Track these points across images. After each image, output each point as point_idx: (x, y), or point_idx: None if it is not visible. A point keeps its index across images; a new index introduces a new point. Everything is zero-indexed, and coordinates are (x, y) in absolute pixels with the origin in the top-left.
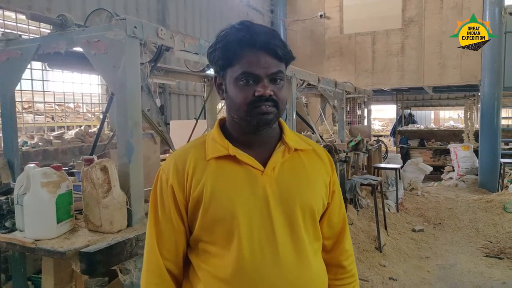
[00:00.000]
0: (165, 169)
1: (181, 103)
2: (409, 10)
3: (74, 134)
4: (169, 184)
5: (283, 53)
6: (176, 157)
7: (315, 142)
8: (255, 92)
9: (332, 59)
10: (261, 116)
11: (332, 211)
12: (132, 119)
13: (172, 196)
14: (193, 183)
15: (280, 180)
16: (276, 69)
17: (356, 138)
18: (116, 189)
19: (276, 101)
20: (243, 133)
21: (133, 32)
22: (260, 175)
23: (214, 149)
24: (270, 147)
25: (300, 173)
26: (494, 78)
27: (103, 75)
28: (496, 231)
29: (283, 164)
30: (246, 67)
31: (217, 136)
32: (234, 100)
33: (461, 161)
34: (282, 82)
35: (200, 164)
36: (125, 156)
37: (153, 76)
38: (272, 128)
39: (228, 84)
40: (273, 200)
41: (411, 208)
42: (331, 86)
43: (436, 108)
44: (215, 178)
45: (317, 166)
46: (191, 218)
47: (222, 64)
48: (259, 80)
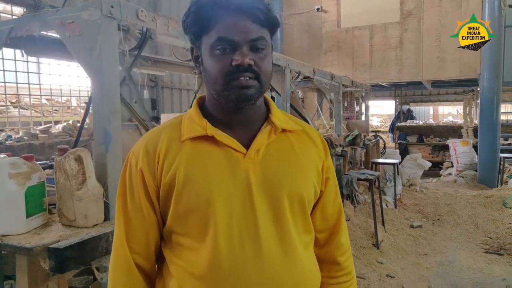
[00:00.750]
0: (135, 151)
1: (174, 97)
2: (408, 3)
3: (62, 128)
4: (138, 168)
5: (266, 17)
6: (148, 138)
7: (305, 122)
8: (232, 61)
9: (329, 53)
10: (240, 90)
11: (326, 201)
12: (110, 106)
13: (142, 181)
14: (165, 167)
15: (265, 164)
16: (257, 34)
17: (353, 133)
18: (92, 181)
19: (257, 72)
20: (223, 111)
21: (110, 12)
22: (242, 158)
23: (190, 129)
24: (255, 128)
25: (289, 157)
26: (493, 72)
27: (78, 59)
28: (496, 226)
29: (268, 146)
30: (221, 33)
31: (194, 114)
32: (210, 72)
33: (460, 156)
34: (265, 51)
35: (174, 146)
36: (102, 145)
37: (140, 66)
38: (256, 106)
39: (203, 54)
40: (256, 186)
41: (410, 204)
42: (327, 78)
43: (435, 104)
44: (189, 161)
45: (308, 149)
46: (163, 207)
47: (196, 30)
48: (236, 47)
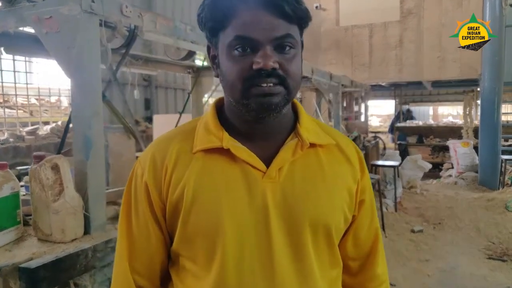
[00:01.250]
0: (142, 160)
1: (168, 97)
2: (408, 1)
3: (50, 129)
4: (143, 180)
5: (294, 9)
6: (156, 147)
7: (340, 133)
8: (253, 64)
9: (328, 52)
10: (262, 98)
11: (360, 226)
12: (91, 108)
13: (147, 196)
14: (173, 182)
15: (287, 186)
16: (283, 31)
17: (353, 134)
18: (69, 191)
19: (283, 77)
20: (243, 120)
21: (91, 7)
22: (260, 178)
23: (204, 139)
24: (279, 140)
25: (315, 178)
26: (494, 72)
27: (56, 57)
28: (498, 231)
29: (293, 164)
30: (239, 30)
31: (211, 121)
32: (227, 77)
33: (461, 158)
34: (293, 50)
35: (184, 158)
36: (82, 152)
37: (130, 65)
38: (282, 114)
39: (220, 55)
40: (274, 213)
41: (410, 208)
42: (325, 78)
43: (435, 104)
44: (200, 177)
45: (340, 168)
46: (170, 226)
47: (211, 26)
48: (258, 47)
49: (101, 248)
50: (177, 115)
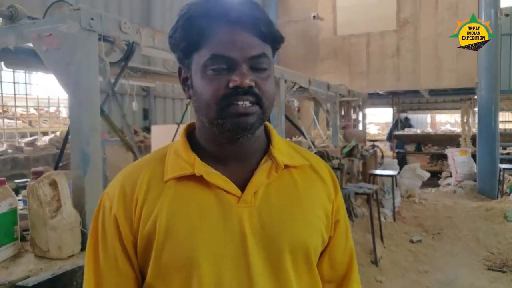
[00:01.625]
0: (110, 192)
1: (167, 107)
2: (404, 11)
3: (49, 140)
4: (112, 213)
5: (268, 30)
6: (125, 177)
7: (314, 154)
8: (229, 83)
9: (325, 61)
10: (238, 118)
11: (335, 247)
12: (89, 124)
13: (116, 230)
14: (144, 214)
15: (263, 210)
16: (259, 51)
17: (350, 144)
18: (67, 208)
19: (259, 96)
20: (215, 143)
21: (90, 25)
22: (236, 203)
23: (175, 166)
24: (253, 163)
25: (292, 200)
26: (491, 81)
27: (55, 73)
28: (498, 241)
29: (268, 187)
30: (215, 49)
31: (181, 148)
32: (201, 97)
33: (459, 166)
34: (268, 71)
35: (155, 187)
36: (80, 167)
37: (129, 77)
38: (255, 137)
39: (194, 75)
40: (252, 239)
41: (409, 217)
42: (323, 88)
43: (433, 112)
44: (172, 207)
45: (315, 189)
46: (142, 261)
47: (185, 47)
48: (235, 66)
49: None
50: (175, 126)
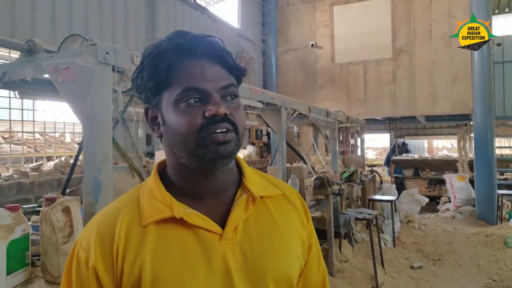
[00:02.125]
0: (84, 242)
1: None
2: (399, 40)
3: (53, 165)
4: (90, 266)
5: (234, 63)
6: (100, 223)
7: (281, 181)
8: (205, 112)
9: (324, 88)
10: (218, 146)
11: (309, 270)
12: (102, 153)
13: (97, 284)
14: (126, 263)
15: (245, 245)
16: (228, 81)
17: (350, 169)
18: (79, 234)
19: (235, 123)
20: (190, 179)
21: (105, 59)
22: (218, 241)
23: (152, 209)
24: (228, 197)
25: (270, 231)
26: (486, 107)
27: (70, 104)
28: (499, 268)
29: (247, 221)
30: (187, 82)
31: (155, 188)
32: (177, 130)
33: (457, 191)
34: (237, 100)
35: (135, 232)
36: (92, 194)
37: (135, 105)
38: (229, 169)
39: (165, 112)
40: (238, 275)
41: (409, 243)
42: (322, 115)
43: (429, 137)
44: (156, 254)
45: (290, 217)
46: None
47: (153, 85)
48: (207, 97)
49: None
50: None
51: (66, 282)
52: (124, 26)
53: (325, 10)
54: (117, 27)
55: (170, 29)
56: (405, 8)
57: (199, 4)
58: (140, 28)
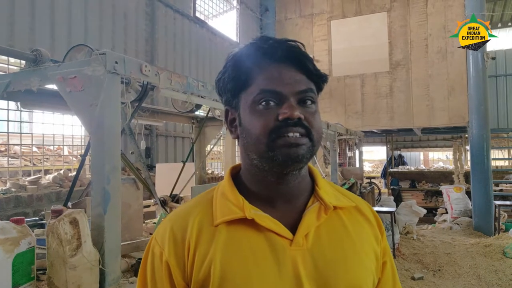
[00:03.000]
0: (159, 238)
1: (168, 145)
2: (396, 54)
3: (52, 178)
4: (163, 260)
5: (314, 68)
6: (174, 221)
7: (355, 194)
8: (279, 116)
9: (322, 101)
10: (288, 149)
11: None
12: (110, 164)
13: (168, 277)
14: (197, 259)
15: (316, 252)
16: (305, 86)
17: (350, 181)
18: (87, 246)
19: (309, 128)
20: (263, 183)
21: (114, 68)
22: (288, 246)
23: (225, 210)
24: (300, 204)
25: (342, 241)
26: (481, 120)
27: (78, 114)
28: (498, 278)
29: (318, 229)
30: (264, 84)
31: (228, 190)
32: (251, 132)
33: (454, 203)
34: (314, 106)
35: (206, 232)
36: (100, 205)
37: (138, 117)
38: (301, 176)
39: (243, 113)
40: (307, 281)
41: (408, 254)
42: (323, 127)
43: (425, 150)
44: (226, 251)
45: (363, 230)
46: None
47: (233, 87)
48: (283, 100)
49: None
50: (180, 164)
51: (142, 275)
52: (123, 39)
53: (322, 24)
54: (117, 40)
55: (170, 42)
56: (401, 22)
57: (199, 18)
58: (140, 41)
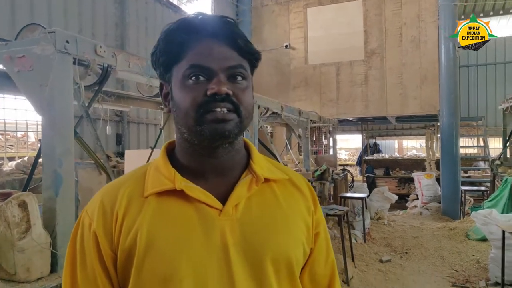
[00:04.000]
0: (89, 209)
1: (141, 133)
2: (371, 42)
3: (15, 165)
4: (91, 230)
5: (245, 45)
6: (104, 194)
7: (291, 169)
8: (207, 91)
9: (297, 89)
10: (216, 124)
11: (316, 260)
12: (62, 146)
13: (96, 247)
14: (124, 229)
15: (245, 223)
16: (235, 62)
17: (322, 168)
18: (37, 229)
19: (237, 104)
20: (195, 156)
21: (65, 47)
22: (217, 216)
23: (155, 182)
24: (233, 177)
25: (273, 212)
26: (451, 108)
27: (27, 95)
28: (461, 259)
29: (249, 200)
30: (194, 60)
31: (161, 163)
32: (180, 106)
33: (425, 189)
34: (245, 81)
35: (135, 203)
36: (51, 188)
37: (102, 101)
38: (234, 150)
39: (174, 87)
40: (235, 251)
41: (378, 238)
42: (295, 114)
43: (400, 138)
44: (153, 221)
45: (295, 201)
46: (122, 278)
47: (165, 61)
48: (212, 75)
49: None
50: (149, 150)
51: (71, 246)
52: (91, 23)
53: (299, 11)
54: (84, 24)
55: (142, 27)
56: (376, 11)
57: (171, 3)
58: (109, 25)
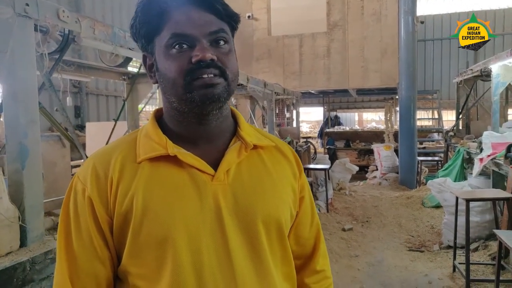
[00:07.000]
0: (81, 175)
1: (100, 104)
2: (333, 14)
3: None
4: (86, 195)
5: (224, 8)
6: (96, 159)
7: (276, 137)
8: (192, 58)
9: (260, 61)
10: (205, 89)
11: (301, 223)
12: (27, 117)
13: (91, 212)
14: (119, 194)
15: (236, 187)
16: (216, 27)
17: (286, 139)
18: (4, 203)
19: (222, 68)
20: (185, 124)
21: (25, 11)
22: (209, 181)
23: (148, 148)
24: (222, 144)
25: (262, 177)
26: (410, 82)
27: None
28: (416, 225)
29: (239, 165)
30: (175, 28)
31: (151, 130)
32: (167, 76)
33: (384, 160)
34: (228, 45)
35: (129, 168)
36: (17, 161)
37: (62, 71)
38: (223, 116)
39: (158, 58)
40: (227, 213)
41: (340, 208)
42: (260, 86)
43: (360, 110)
44: (148, 186)
45: (281, 167)
46: (118, 242)
47: (146, 32)
48: (195, 42)
49: (39, 260)
50: (112, 123)
51: (64, 212)
52: None
53: None
54: None
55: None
56: None
57: None
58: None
